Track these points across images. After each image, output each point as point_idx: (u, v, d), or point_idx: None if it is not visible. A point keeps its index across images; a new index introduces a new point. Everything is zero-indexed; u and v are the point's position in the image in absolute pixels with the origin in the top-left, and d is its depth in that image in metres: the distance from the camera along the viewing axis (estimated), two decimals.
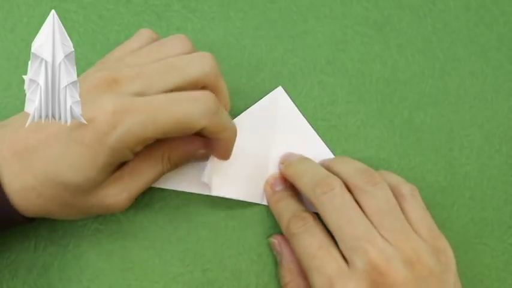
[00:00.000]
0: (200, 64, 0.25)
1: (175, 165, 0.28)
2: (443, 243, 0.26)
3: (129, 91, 0.24)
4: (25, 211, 0.24)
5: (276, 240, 0.29)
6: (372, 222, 0.25)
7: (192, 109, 0.24)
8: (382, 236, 0.24)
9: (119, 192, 0.25)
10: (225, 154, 0.28)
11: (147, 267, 0.29)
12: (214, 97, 0.24)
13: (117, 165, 0.25)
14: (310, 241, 0.25)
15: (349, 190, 0.26)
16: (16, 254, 0.29)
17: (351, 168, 0.28)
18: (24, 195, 0.24)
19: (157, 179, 0.27)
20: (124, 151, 0.24)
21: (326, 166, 0.29)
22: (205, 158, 0.29)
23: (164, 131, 0.24)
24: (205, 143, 0.28)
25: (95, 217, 0.30)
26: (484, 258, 0.30)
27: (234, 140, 0.27)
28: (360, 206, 0.26)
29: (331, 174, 0.27)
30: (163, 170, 0.27)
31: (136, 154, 0.25)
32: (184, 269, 0.29)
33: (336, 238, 0.25)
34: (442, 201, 0.31)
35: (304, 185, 0.28)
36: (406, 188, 0.27)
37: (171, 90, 0.24)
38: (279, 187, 0.30)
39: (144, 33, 0.28)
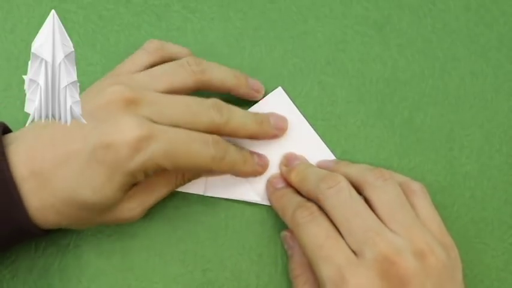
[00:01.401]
0: (213, 114, 0.26)
1: (188, 180, 0.29)
2: (451, 242, 0.26)
3: (144, 114, 0.25)
4: (43, 226, 0.25)
5: (288, 233, 0.29)
6: (381, 217, 0.25)
7: (204, 152, 0.25)
8: (392, 230, 0.24)
9: (134, 207, 0.26)
10: (244, 176, 0.30)
11: (147, 267, 0.29)
12: (221, 142, 0.26)
13: (132, 185, 0.26)
14: (317, 230, 0.25)
15: (357, 190, 0.26)
16: (16, 254, 0.29)
17: (358, 168, 0.28)
18: (43, 212, 0.24)
19: (169, 193, 0.28)
20: (140, 174, 0.25)
21: (331, 169, 0.29)
22: (218, 173, 0.30)
23: (179, 165, 0.25)
24: None
25: None
26: (484, 258, 0.30)
27: (247, 170, 0.29)
28: (369, 202, 0.25)
29: (336, 173, 0.27)
30: (177, 185, 0.28)
31: None
32: (184, 269, 0.29)
33: (343, 232, 0.25)
34: (442, 201, 0.31)
35: (308, 184, 0.27)
36: (416, 185, 0.27)
37: (179, 124, 0.25)
38: (281, 185, 0.30)
39: (152, 46, 0.29)
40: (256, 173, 0.30)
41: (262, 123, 0.29)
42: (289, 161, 0.30)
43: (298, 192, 0.29)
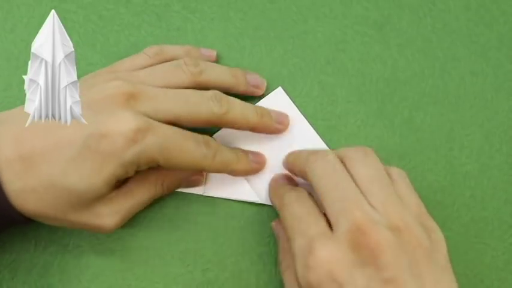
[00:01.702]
0: (212, 105, 0.27)
1: (168, 189, 0.29)
2: (433, 225, 0.25)
3: (144, 109, 0.25)
4: (23, 211, 0.24)
5: (276, 222, 0.29)
6: (360, 189, 0.24)
7: (198, 152, 0.26)
8: (370, 203, 0.23)
9: (112, 213, 0.26)
10: (240, 175, 0.30)
11: (147, 267, 0.29)
12: (212, 141, 0.27)
13: (118, 182, 0.26)
14: (300, 209, 0.25)
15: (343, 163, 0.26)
16: (16, 254, 0.29)
17: (346, 148, 0.27)
18: (23, 196, 0.24)
19: (148, 202, 0.28)
20: (132, 168, 0.25)
21: None
22: (197, 184, 0.30)
23: (172, 163, 0.25)
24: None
25: None
26: (484, 258, 0.30)
27: (242, 168, 0.29)
28: (350, 175, 0.25)
29: (327, 150, 0.28)
30: (156, 193, 0.28)
31: (132, 177, 0.27)
32: (184, 269, 0.29)
33: (324, 203, 0.24)
34: (443, 201, 0.31)
35: (299, 160, 0.28)
36: (395, 169, 0.26)
37: (179, 119, 0.26)
38: (282, 181, 0.30)
39: (152, 51, 0.29)
40: (252, 171, 0.30)
41: (263, 116, 0.29)
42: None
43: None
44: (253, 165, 0.30)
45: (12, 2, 0.32)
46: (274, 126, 0.30)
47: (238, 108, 0.28)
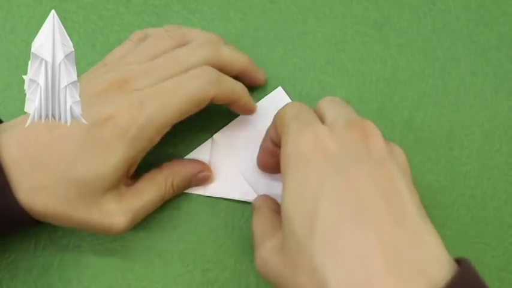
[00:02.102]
0: (200, 53, 0.27)
1: (178, 188, 0.29)
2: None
3: (138, 88, 0.25)
4: (31, 212, 0.24)
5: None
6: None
7: (198, 83, 0.25)
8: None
9: (123, 212, 0.26)
10: (247, 111, 0.29)
11: (147, 267, 0.29)
12: (212, 68, 0.26)
13: (129, 168, 0.26)
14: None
15: None
16: (16, 254, 0.29)
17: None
18: (33, 195, 0.24)
19: (158, 203, 0.28)
20: (143, 142, 0.25)
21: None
22: (206, 181, 0.30)
23: (181, 112, 0.25)
24: (206, 166, 0.30)
25: None
26: (484, 258, 0.30)
27: (247, 97, 0.28)
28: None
29: None
30: (166, 193, 0.28)
31: (141, 177, 0.27)
32: (184, 269, 0.29)
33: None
34: (443, 201, 0.31)
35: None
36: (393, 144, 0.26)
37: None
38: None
39: (137, 36, 0.29)
40: (252, 106, 0.29)
41: (249, 60, 0.29)
42: None
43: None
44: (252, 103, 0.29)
45: (12, 2, 0.32)
46: (259, 72, 0.30)
47: (227, 50, 0.28)
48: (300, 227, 0.21)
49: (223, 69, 0.27)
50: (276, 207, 0.27)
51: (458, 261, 0.20)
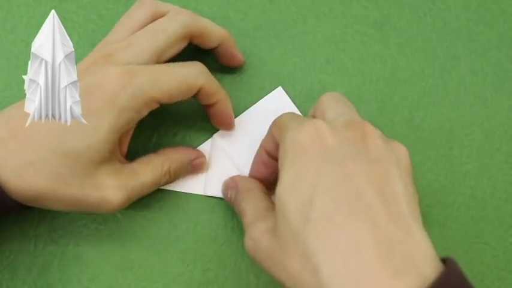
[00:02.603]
0: (179, 18, 0.27)
1: (174, 174, 0.28)
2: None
3: (125, 60, 0.25)
4: (19, 193, 0.23)
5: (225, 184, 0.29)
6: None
7: (189, 70, 0.26)
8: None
9: (116, 186, 0.25)
10: (227, 119, 0.29)
11: (147, 267, 0.29)
12: (202, 64, 0.27)
13: (121, 144, 0.26)
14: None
15: None
16: (16, 253, 0.29)
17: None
18: (20, 173, 0.23)
19: (153, 187, 0.27)
20: (131, 113, 0.24)
21: None
22: (202, 168, 0.30)
23: (170, 92, 0.25)
24: (201, 153, 0.30)
25: (94, 217, 0.30)
26: (484, 258, 0.30)
27: (230, 105, 0.29)
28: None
29: None
30: (161, 178, 0.28)
31: (137, 159, 0.27)
32: (184, 268, 0.29)
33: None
34: (443, 200, 0.31)
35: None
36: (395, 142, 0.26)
37: (161, 52, 0.26)
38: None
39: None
40: (231, 119, 0.30)
41: (229, 33, 0.29)
42: None
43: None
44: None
45: (12, 2, 0.32)
46: (236, 51, 0.30)
47: (206, 20, 0.28)
48: (294, 215, 0.21)
49: (202, 38, 0.28)
50: (265, 190, 0.28)
51: (444, 260, 0.20)
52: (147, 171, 0.27)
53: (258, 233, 0.24)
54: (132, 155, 0.28)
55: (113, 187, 0.25)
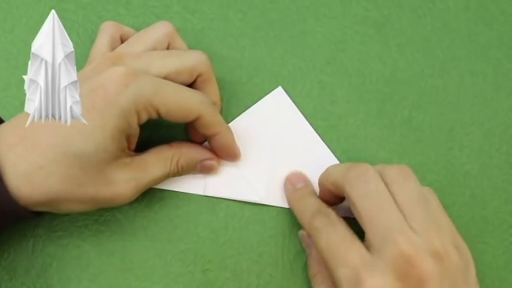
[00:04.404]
0: (196, 55, 0.28)
1: (182, 169, 0.28)
2: (463, 244, 0.25)
3: (133, 66, 0.25)
4: (32, 198, 0.23)
5: (305, 232, 0.29)
6: (403, 213, 0.24)
7: (191, 95, 0.26)
8: (412, 228, 0.24)
9: (127, 179, 0.25)
10: (229, 152, 0.29)
11: (147, 267, 0.29)
12: (209, 96, 0.27)
13: (129, 142, 0.26)
14: (333, 235, 0.25)
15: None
16: (14, 254, 0.29)
17: (380, 164, 0.27)
18: (31, 178, 0.23)
19: (163, 178, 0.28)
20: (132, 115, 0.24)
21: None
22: (211, 170, 0.30)
23: (168, 106, 0.25)
24: (214, 154, 0.29)
25: (94, 217, 0.30)
26: (484, 258, 0.30)
27: (233, 137, 0.29)
28: (391, 195, 0.25)
29: (363, 163, 0.26)
30: (170, 171, 0.28)
31: (148, 150, 0.27)
32: (184, 269, 0.29)
33: (365, 225, 0.24)
34: (443, 200, 0.31)
35: (334, 174, 0.27)
36: (426, 188, 0.27)
37: (168, 74, 0.26)
38: (301, 184, 0.29)
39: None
40: (237, 151, 0.30)
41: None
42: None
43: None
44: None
45: (11, 1, 0.32)
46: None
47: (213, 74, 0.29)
48: None
49: (206, 84, 0.28)
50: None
51: None
52: (157, 164, 0.27)
53: None
54: (142, 144, 0.28)
55: (124, 180, 0.25)
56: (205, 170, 0.29)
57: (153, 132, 0.31)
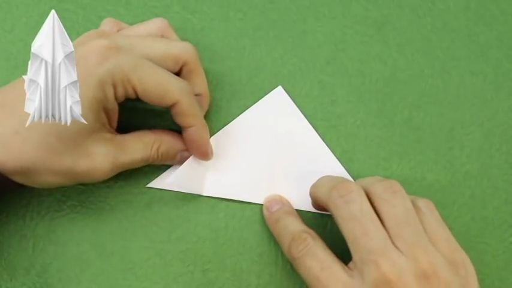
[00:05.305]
0: (182, 44, 0.28)
1: (162, 156, 0.28)
2: (463, 257, 0.25)
3: (117, 43, 0.25)
4: (8, 163, 0.23)
5: None
6: (388, 231, 0.24)
7: (172, 80, 0.26)
8: (398, 248, 0.23)
9: (105, 153, 0.25)
10: (199, 148, 0.28)
11: (147, 267, 0.29)
12: (191, 86, 0.27)
13: (109, 117, 0.26)
14: (312, 264, 0.25)
15: (368, 198, 0.25)
16: (14, 254, 0.29)
17: (370, 178, 0.27)
18: (6, 143, 0.23)
19: (141, 163, 0.28)
20: (109, 86, 0.24)
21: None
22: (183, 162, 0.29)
23: (145, 85, 0.25)
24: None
25: (95, 217, 0.30)
26: (484, 257, 0.30)
27: (207, 135, 0.28)
28: (378, 214, 0.25)
29: (351, 180, 0.26)
30: (150, 156, 0.28)
31: (129, 133, 0.27)
32: (184, 269, 0.29)
33: (350, 247, 0.24)
34: (443, 201, 0.31)
35: (320, 191, 0.27)
36: (422, 201, 0.26)
37: (152, 57, 0.26)
38: (276, 207, 0.29)
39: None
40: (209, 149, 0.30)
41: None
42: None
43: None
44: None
45: (11, 1, 0.32)
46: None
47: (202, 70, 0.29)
48: None
49: (191, 74, 0.28)
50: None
51: None
52: (137, 146, 0.27)
53: None
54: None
55: (101, 154, 0.25)
56: (181, 161, 0.29)
57: (142, 120, 0.31)
